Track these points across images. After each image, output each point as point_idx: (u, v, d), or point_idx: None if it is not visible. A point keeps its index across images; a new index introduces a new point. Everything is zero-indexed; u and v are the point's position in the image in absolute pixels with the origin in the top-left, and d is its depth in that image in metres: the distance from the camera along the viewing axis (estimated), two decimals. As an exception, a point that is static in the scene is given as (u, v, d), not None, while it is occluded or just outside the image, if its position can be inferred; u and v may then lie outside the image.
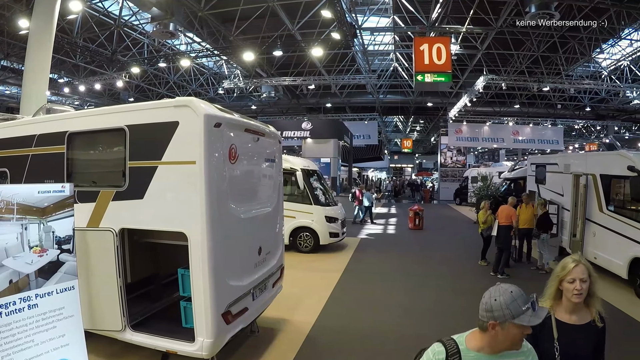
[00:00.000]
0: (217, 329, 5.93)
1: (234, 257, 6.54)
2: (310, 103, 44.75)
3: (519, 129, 45.98)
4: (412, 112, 48.89)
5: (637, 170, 12.19)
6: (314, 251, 16.80)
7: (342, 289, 12.15)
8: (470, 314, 10.08)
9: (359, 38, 27.74)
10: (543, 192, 18.26)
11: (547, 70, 34.37)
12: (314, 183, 17.64)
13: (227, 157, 6.29)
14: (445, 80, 20.37)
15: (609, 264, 13.30)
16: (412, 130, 70.76)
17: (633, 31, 28.56)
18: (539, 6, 18.89)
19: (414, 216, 25.10)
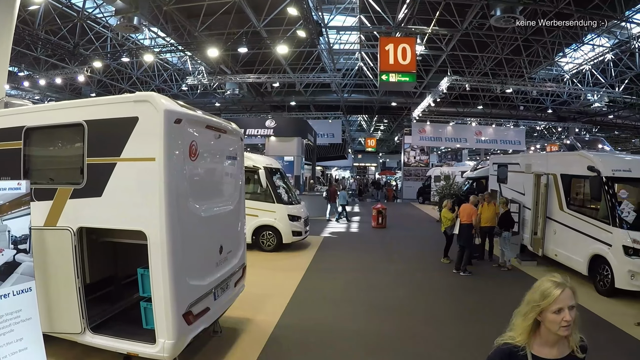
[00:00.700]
0: (178, 329, 5.81)
1: (195, 256, 6.42)
2: (274, 101, 44.48)
3: (481, 130, 46.48)
4: (377, 112, 49.05)
5: (596, 170, 12.53)
6: (277, 250, 16.68)
7: (305, 287, 12.11)
8: (433, 311, 10.25)
9: (324, 36, 27.68)
10: (505, 191, 18.54)
11: (511, 72, 34.82)
12: (277, 181, 17.51)
13: (187, 154, 6.17)
14: (409, 80, 20.43)
15: (570, 261, 13.66)
16: (376, 130, 71.01)
17: (595, 36, 29.16)
18: (504, 10, 19.09)
19: (377, 215, 25.21)
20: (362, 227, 25.98)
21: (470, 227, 14.46)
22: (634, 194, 12.88)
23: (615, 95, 36.59)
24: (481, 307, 11.17)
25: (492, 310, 10.80)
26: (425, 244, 19.98)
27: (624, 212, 12.07)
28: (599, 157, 13.40)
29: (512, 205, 16.31)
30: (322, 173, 57.82)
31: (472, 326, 9.58)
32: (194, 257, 6.36)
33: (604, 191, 12.36)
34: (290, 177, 29.11)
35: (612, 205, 12.20)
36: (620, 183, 12.59)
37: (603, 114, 44.75)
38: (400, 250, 18.84)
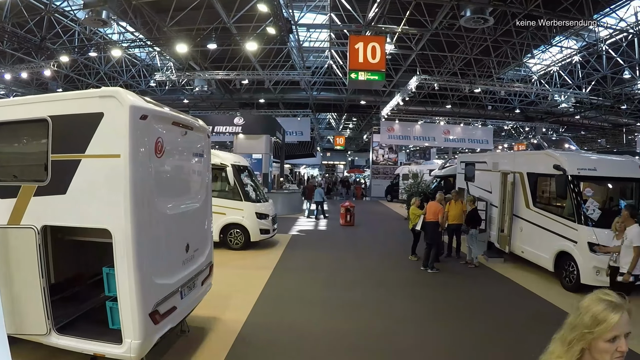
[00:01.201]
0: (144, 329, 5.73)
1: (161, 254, 6.34)
2: (243, 98, 44.16)
3: (450, 129, 46.91)
4: (346, 110, 49.06)
5: (562, 169, 12.76)
6: (245, 248, 16.58)
7: (273, 286, 12.05)
8: (401, 308, 10.26)
9: (294, 34, 27.61)
10: (472, 189, 18.74)
11: (479, 72, 35.16)
12: (244, 179, 17.38)
13: (153, 151, 6.07)
14: (378, 79, 20.49)
15: (536, 258, 13.93)
16: (345, 128, 71.21)
17: (564, 39, 29.61)
18: (474, 11, 19.23)
19: (345, 212, 25.28)
20: (330, 225, 25.99)
21: (436, 225, 14.62)
22: (599, 192, 13.27)
23: (582, 97, 37.26)
24: (449, 303, 11.30)
25: (460, 306, 10.97)
26: (393, 242, 20.15)
27: (589, 209, 12.35)
28: (564, 156, 13.74)
29: (479, 203, 16.53)
30: (290, 171, 57.69)
31: (440, 323, 9.69)
32: (159, 256, 6.28)
33: (569, 189, 12.60)
34: (258, 174, 29.05)
35: (578, 203, 12.45)
36: (586, 182, 12.90)
37: (570, 115, 45.48)
38: (368, 247, 18.96)
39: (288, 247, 18.03)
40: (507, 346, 8.55)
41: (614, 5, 24.19)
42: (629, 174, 13.54)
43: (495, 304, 11.27)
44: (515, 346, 8.51)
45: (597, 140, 60.80)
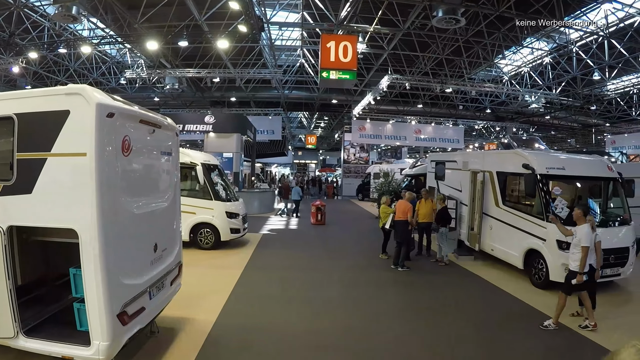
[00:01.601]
0: (113, 331, 5.65)
1: (128, 254, 6.24)
2: (214, 96, 43.86)
3: (421, 128, 47.24)
4: (317, 109, 49.17)
5: (531, 168, 12.93)
6: (215, 248, 16.44)
7: (243, 285, 12.00)
8: (371, 307, 10.29)
9: (266, 32, 27.52)
10: (442, 188, 18.86)
11: (451, 72, 35.57)
12: (214, 178, 17.25)
13: (120, 149, 5.98)
14: (350, 78, 20.51)
15: (506, 256, 14.08)
16: (317, 127, 71.24)
17: (535, 40, 30.03)
18: (446, 11, 19.35)
19: (316, 211, 25.31)
20: (301, 224, 25.95)
21: (406, 224, 14.68)
22: (567, 190, 13.52)
23: (552, 97, 37.94)
24: (419, 301, 11.38)
25: (430, 304, 11.08)
26: (364, 240, 20.17)
27: (558, 208, 12.53)
28: (533, 156, 13.93)
29: (449, 201, 16.72)
30: (261, 170, 57.51)
31: (411, 321, 9.76)
32: (127, 256, 6.18)
33: (538, 188, 12.76)
34: (229, 173, 28.94)
35: (547, 201, 12.62)
36: (555, 180, 13.13)
37: (540, 115, 46.32)
38: (339, 246, 18.99)
39: (259, 246, 17.94)
40: (479, 343, 8.62)
41: (585, 8, 24.66)
42: (598, 173, 13.82)
43: (466, 301, 11.35)
44: (486, 342, 8.63)
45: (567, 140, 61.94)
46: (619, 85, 36.64)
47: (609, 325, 9.46)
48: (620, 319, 10.11)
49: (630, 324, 9.82)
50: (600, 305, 10.16)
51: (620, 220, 13.43)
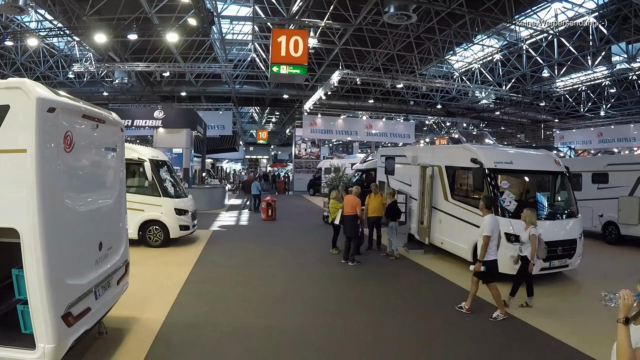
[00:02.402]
0: (58, 332, 5.45)
1: (72, 253, 6.03)
2: (164, 91, 43.15)
3: (372, 123, 47.52)
4: (268, 104, 48.97)
5: (479, 162, 13.17)
6: (165, 245, 16.19)
7: (193, 283, 11.85)
8: (322, 301, 10.27)
9: (217, 26, 27.21)
10: (392, 183, 19.10)
11: (402, 68, 35.82)
12: (163, 174, 16.95)
13: (62, 145, 5.78)
14: (300, 72, 20.44)
15: (455, 249, 14.31)
16: (268, 122, 71.03)
17: (485, 37, 30.49)
18: (397, 7, 19.42)
19: (266, 207, 25.25)
20: (252, 219, 25.90)
21: (355, 218, 14.77)
22: (515, 184, 13.81)
23: (502, 93, 38.71)
24: (369, 295, 11.43)
25: (380, 298, 11.14)
26: (314, 235, 20.28)
27: (506, 201, 12.76)
28: (481, 150, 14.15)
29: (399, 196, 16.92)
30: (212, 166, 57.01)
31: (360, 314, 9.81)
32: (71, 255, 5.97)
33: (486, 182, 12.99)
34: (179, 169, 28.61)
35: (495, 195, 12.79)
36: (503, 174, 13.34)
37: (490, 111, 47.18)
38: (290, 242, 18.91)
39: (209, 243, 17.78)
40: (429, 334, 8.76)
41: (535, 7, 25.17)
42: (545, 167, 14.18)
43: (416, 294, 11.47)
44: (436, 333, 8.75)
45: (517, 135, 63.18)
46: (568, 83, 37.60)
47: (556, 315, 9.72)
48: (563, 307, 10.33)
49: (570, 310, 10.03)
50: (549, 296, 10.63)
51: (567, 213, 13.79)
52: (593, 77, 34.85)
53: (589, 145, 45.85)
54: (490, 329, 8.95)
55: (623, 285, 3.51)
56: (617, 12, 23.15)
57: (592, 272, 13.95)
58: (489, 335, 8.71)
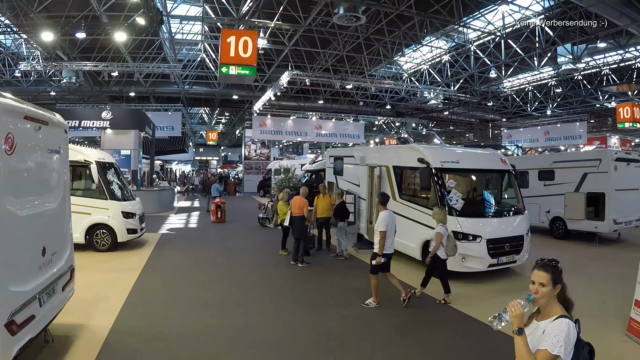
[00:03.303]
0: (1, 341, 5.29)
1: (14, 259, 5.81)
2: (113, 91, 42.14)
3: (322, 124, 47.56)
4: (218, 104, 48.54)
5: (426, 162, 13.43)
6: (113, 249, 15.88)
7: (141, 287, 11.67)
8: (271, 303, 10.28)
9: (166, 25, 26.83)
10: (341, 183, 19.22)
11: (352, 69, 35.94)
12: (110, 176, 16.61)
13: (3, 148, 5.61)
14: (249, 73, 20.25)
15: (404, 248, 14.40)
16: (218, 123, 70.42)
17: (434, 39, 30.89)
18: (347, 9, 19.51)
19: (215, 209, 25.06)
20: (201, 221, 25.75)
21: (302, 219, 14.87)
22: (461, 183, 14.20)
23: (450, 94, 39.30)
24: (318, 296, 11.48)
25: (329, 298, 11.21)
26: (264, 237, 20.28)
27: (453, 200, 13.03)
28: (428, 150, 14.42)
29: (347, 196, 17.04)
30: (161, 167, 56.30)
31: (309, 315, 9.88)
32: (12, 261, 5.75)
33: (433, 181, 13.26)
34: (127, 171, 28.17)
35: (442, 194, 13.09)
36: (449, 173, 13.64)
37: (439, 111, 47.83)
38: (239, 244, 18.87)
39: (157, 246, 17.54)
40: (377, 332, 8.83)
41: (483, 9, 25.59)
42: (491, 166, 14.62)
43: (365, 293, 11.43)
44: (384, 332, 8.83)
45: (466, 134, 64.34)
46: (515, 83, 38.62)
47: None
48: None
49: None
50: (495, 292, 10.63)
51: (514, 210, 14.17)
52: (539, 77, 35.86)
53: (536, 143, 47.16)
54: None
55: (565, 278, 3.65)
56: (562, 14, 23.71)
57: None
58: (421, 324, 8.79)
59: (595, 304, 10.68)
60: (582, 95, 39.63)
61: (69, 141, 8.32)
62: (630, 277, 9.31)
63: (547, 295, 3.59)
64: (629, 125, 34.96)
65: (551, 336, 3.39)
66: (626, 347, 8.25)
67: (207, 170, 77.02)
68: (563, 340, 3.34)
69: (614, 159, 18.90)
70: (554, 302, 3.65)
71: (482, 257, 12.46)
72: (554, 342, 3.35)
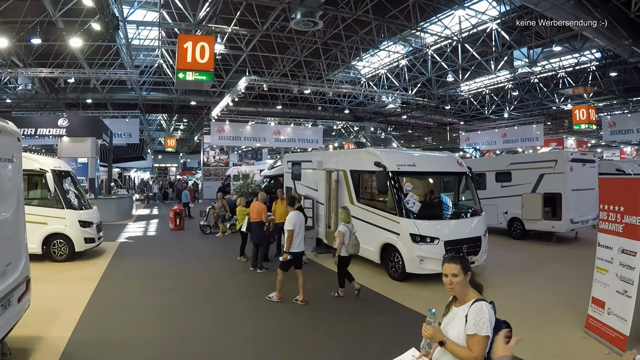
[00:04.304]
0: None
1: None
2: (70, 98, 41.22)
3: (280, 129, 47.37)
4: (176, 111, 48.05)
5: (382, 166, 13.55)
6: (71, 259, 15.59)
7: (99, 297, 11.49)
8: (230, 310, 10.30)
9: (123, 30, 26.48)
10: (299, 188, 19.28)
11: (310, 74, 35.97)
12: (66, 185, 16.37)
13: None
14: (206, 79, 20.10)
15: (364, 252, 14.34)
16: (176, 129, 69.79)
17: (391, 43, 31.16)
18: (304, 14, 19.55)
19: (174, 216, 24.91)
20: (160, 229, 25.55)
21: (261, 225, 14.89)
22: (419, 186, 14.44)
23: (408, 98, 39.64)
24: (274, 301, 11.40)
25: (288, 303, 11.16)
26: (222, 243, 20.36)
27: (410, 203, 13.21)
28: (385, 154, 14.59)
29: (306, 201, 17.06)
30: (119, 175, 55.54)
31: (268, 321, 9.92)
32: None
33: (390, 185, 13.40)
34: (84, 180, 27.77)
35: (399, 197, 13.27)
36: (407, 177, 13.78)
37: (397, 115, 48.39)
38: (198, 251, 18.84)
39: (115, 255, 17.29)
40: (335, 336, 8.92)
41: (440, 14, 25.93)
42: (448, 168, 14.91)
43: (323, 298, 11.59)
44: (343, 335, 8.95)
45: (424, 138, 64.98)
46: (472, 86, 39.39)
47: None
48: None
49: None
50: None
51: (471, 212, 14.43)
52: (496, 80, 36.62)
53: (493, 145, 48.07)
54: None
55: (524, 277, 3.83)
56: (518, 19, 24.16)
57: (498, 267, 14.79)
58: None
59: (553, 302, 11.02)
60: (539, 98, 40.50)
61: (25, 150, 8.17)
62: (587, 275, 9.55)
63: (461, 283, 3.83)
64: (585, 127, 35.91)
65: (476, 320, 3.59)
66: (586, 343, 8.45)
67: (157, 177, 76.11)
68: (488, 321, 3.56)
69: (569, 160, 19.34)
70: (468, 288, 3.87)
71: (440, 259, 12.59)
72: (480, 324, 3.56)
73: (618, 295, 8.07)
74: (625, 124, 36.81)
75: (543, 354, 7.96)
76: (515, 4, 23.17)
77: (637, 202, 7.98)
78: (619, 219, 8.25)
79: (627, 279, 7.92)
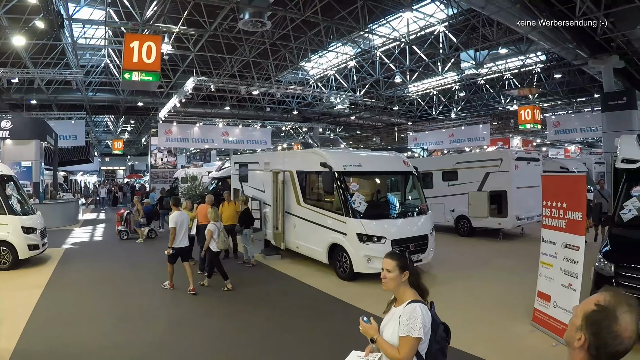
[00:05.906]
0: None
1: None
2: (13, 99, 40.06)
3: (228, 130, 47.00)
4: (123, 112, 47.22)
5: (328, 166, 13.67)
6: (15, 267, 15.14)
7: (44, 306, 11.18)
8: (178, 315, 10.12)
9: (68, 29, 25.87)
10: (246, 190, 19.37)
11: (258, 75, 35.92)
12: (8, 190, 15.87)
13: None
14: (153, 79, 19.80)
15: (311, 252, 14.76)
16: (124, 131, 68.61)
17: (340, 45, 31.35)
18: (252, 14, 19.51)
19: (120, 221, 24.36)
20: (106, 234, 25.06)
21: None
22: (365, 186, 14.60)
23: (356, 99, 40.15)
24: (227, 304, 11.50)
25: (237, 306, 11.25)
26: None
27: (356, 203, 13.31)
28: (330, 154, 14.73)
29: (253, 202, 17.22)
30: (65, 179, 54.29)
31: (218, 324, 10.00)
32: None
33: (336, 185, 13.49)
34: (28, 184, 27.05)
35: (345, 197, 13.35)
36: (353, 177, 13.88)
37: (346, 115, 48.93)
38: (146, 256, 18.53)
39: (61, 262, 16.81)
40: (284, 337, 8.94)
41: (388, 16, 26.22)
42: (394, 168, 15.20)
43: (272, 299, 11.65)
44: (292, 336, 9.03)
45: (373, 138, 65.58)
46: (420, 88, 40.24)
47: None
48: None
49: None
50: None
51: (418, 211, 14.63)
52: (444, 82, 37.56)
53: (441, 145, 48.72)
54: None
55: (472, 273, 3.87)
56: (465, 22, 24.54)
57: (447, 264, 15.08)
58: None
59: (501, 297, 11.30)
60: (485, 98, 41.52)
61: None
62: (533, 269, 9.82)
63: (395, 280, 3.84)
64: (530, 127, 36.89)
65: (408, 321, 3.59)
66: (533, 336, 8.65)
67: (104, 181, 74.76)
68: (420, 323, 3.55)
69: (514, 159, 19.82)
70: (406, 288, 3.86)
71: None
72: (412, 326, 3.56)
73: (563, 289, 8.34)
74: (569, 124, 37.90)
75: (493, 348, 8.12)
76: (462, 7, 23.52)
77: (579, 199, 8.21)
78: (561, 214, 8.50)
79: (571, 273, 8.20)
